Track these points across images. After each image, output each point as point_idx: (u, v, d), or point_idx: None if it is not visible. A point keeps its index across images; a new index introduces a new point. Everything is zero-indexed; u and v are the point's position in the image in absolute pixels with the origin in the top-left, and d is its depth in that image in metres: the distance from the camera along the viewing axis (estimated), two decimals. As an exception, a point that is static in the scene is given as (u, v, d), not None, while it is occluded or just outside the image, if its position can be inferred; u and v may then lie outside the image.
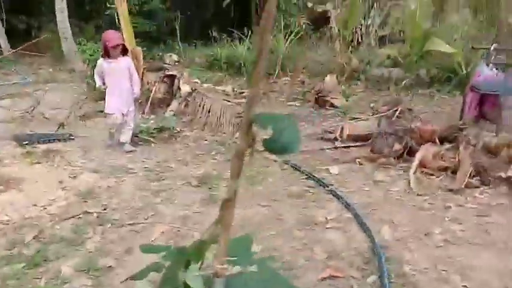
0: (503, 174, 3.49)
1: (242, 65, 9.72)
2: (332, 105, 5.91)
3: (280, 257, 2.59)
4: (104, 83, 4.69)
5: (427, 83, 6.68)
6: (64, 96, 7.94)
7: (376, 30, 11.18)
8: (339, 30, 7.98)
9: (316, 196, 3.39)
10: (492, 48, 4.69)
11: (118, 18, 6.61)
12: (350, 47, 10.32)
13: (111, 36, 4.59)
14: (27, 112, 6.45)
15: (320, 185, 3.57)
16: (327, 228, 2.90)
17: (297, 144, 1.00)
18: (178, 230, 2.91)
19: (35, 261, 2.60)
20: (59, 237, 2.92)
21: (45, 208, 3.33)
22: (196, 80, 7.47)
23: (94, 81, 7.82)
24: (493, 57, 4.73)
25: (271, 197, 3.36)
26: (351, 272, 2.42)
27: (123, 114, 4.64)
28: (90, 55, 7.32)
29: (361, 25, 11.45)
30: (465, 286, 2.27)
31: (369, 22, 11.41)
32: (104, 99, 4.83)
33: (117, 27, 7.37)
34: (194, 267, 1.34)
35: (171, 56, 12.47)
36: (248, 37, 10.96)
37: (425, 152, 3.71)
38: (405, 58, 6.94)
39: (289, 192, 3.43)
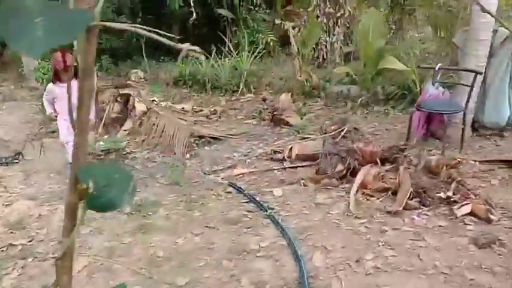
0: (442, 195, 3.47)
1: (207, 81, 9.69)
2: (287, 123, 5.87)
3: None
4: (54, 110, 4.33)
5: (382, 100, 6.73)
6: (20, 116, 7.71)
7: (341, 47, 11.33)
8: (298, 48, 8.00)
9: (254, 221, 3.29)
10: (437, 67, 4.75)
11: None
12: (313, 64, 10.41)
13: (60, 58, 4.22)
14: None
15: (260, 209, 3.48)
16: (257, 256, 2.81)
17: (125, 200, 0.90)
18: (102, 264, 2.76)
19: None
20: (-26, 274, 2.74)
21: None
22: (154, 99, 7.35)
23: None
24: (438, 76, 4.79)
25: (206, 223, 3.25)
26: (274, 305, 2.33)
27: None
28: (44, 74, 7.12)
29: (326, 42, 11.59)
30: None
31: (334, 39, 11.56)
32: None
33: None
34: None
35: (136, 72, 12.34)
36: (212, 55, 10.95)
37: (365, 173, 3.68)
38: (360, 76, 6.99)
39: (226, 218, 3.33)
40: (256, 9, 14.73)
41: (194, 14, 13.46)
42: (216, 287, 2.50)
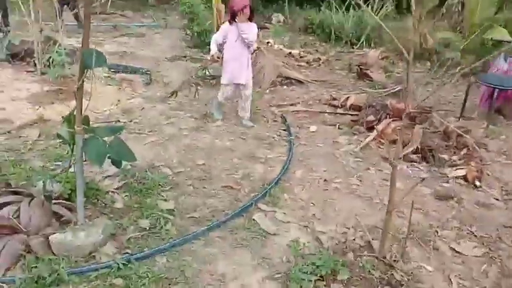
0: (446, 157, 3.84)
1: (332, 31, 10.22)
2: (369, 77, 6.33)
3: (211, 169, 3.61)
4: (220, 51, 4.45)
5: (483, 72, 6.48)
6: (172, 41, 9.59)
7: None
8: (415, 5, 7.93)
9: (276, 142, 4.23)
10: (513, 42, 4.63)
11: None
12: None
13: (236, 0, 4.25)
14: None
15: (288, 135, 4.38)
16: (260, 162, 3.79)
17: (95, 65, 2.04)
18: (162, 142, 4.10)
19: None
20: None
21: (95, 113, 4.78)
22: (269, 40, 8.38)
23: (191, 31, 9.21)
24: (514, 51, 4.67)
25: (241, 136, 4.31)
26: (246, 188, 3.33)
27: (239, 84, 4.55)
28: (188, 7, 8.69)
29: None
30: (314, 215, 3.02)
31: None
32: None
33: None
34: (65, 125, 2.50)
35: (278, 16, 13.42)
36: (342, 7, 11.22)
37: (386, 125, 4.19)
38: (457, 44, 6.78)
39: (258, 135, 4.33)
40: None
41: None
42: (218, 171, 3.59)
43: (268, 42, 8.28)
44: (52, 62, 5.31)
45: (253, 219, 2.91)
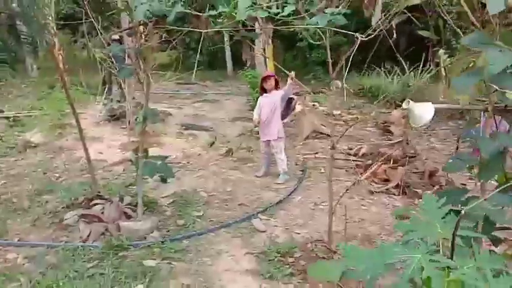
0: (420, 191, 4.80)
1: (380, 94, 11.40)
2: (390, 132, 7.37)
3: (235, 194, 4.98)
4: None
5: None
6: (237, 105, 11.48)
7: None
8: (445, 72, 8.87)
9: (291, 178, 5.50)
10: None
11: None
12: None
13: (265, 74, 5.71)
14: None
15: (302, 174, 5.64)
16: (271, 190, 5.08)
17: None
18: (207, 176, 5.60)
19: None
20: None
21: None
22: (314, 103, 9.81)
23: (252, 97, 10.98)
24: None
25: (251, 171, 5.69)
26: (255, 205, 4.62)
27: (269, 141, 5.55)
28: (249, 78, 10.55)
29: None
30: (297, 223, 4.20)
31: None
32: None
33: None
34: (133, 154, 4.09)
35: (336, 82, 14.91)
36: (393, 73, 12.36)
37: (377, 168, 5.26)
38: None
39: (277, 173, 5.64)
40: (462, 30, 14.90)
41: (395, 35, 15.08)
42: (239, 195, 4.95)
43: (314, 105, 9.72)
44: (138, 121, 7.25)
45: (251, 223, 4.18)
